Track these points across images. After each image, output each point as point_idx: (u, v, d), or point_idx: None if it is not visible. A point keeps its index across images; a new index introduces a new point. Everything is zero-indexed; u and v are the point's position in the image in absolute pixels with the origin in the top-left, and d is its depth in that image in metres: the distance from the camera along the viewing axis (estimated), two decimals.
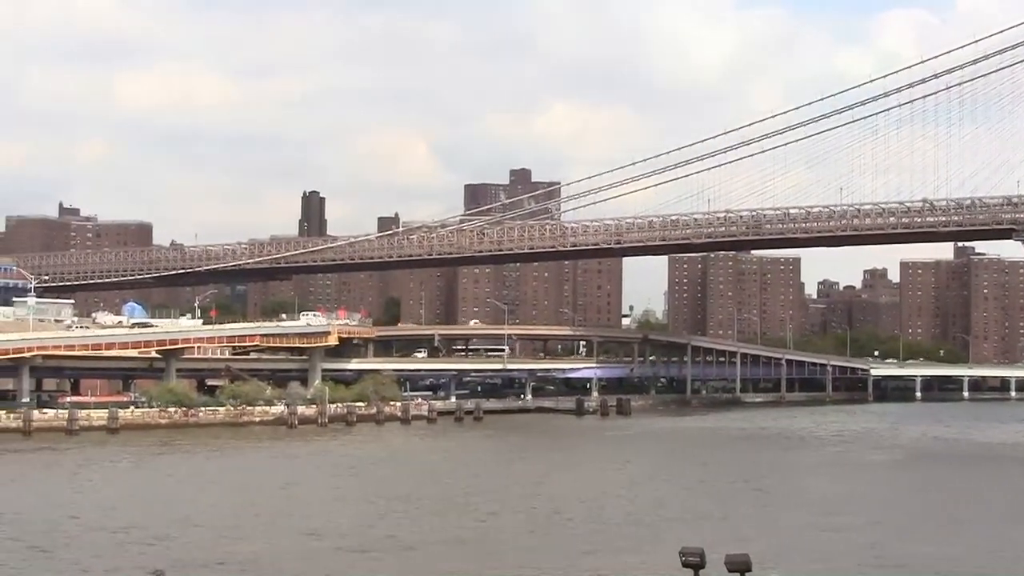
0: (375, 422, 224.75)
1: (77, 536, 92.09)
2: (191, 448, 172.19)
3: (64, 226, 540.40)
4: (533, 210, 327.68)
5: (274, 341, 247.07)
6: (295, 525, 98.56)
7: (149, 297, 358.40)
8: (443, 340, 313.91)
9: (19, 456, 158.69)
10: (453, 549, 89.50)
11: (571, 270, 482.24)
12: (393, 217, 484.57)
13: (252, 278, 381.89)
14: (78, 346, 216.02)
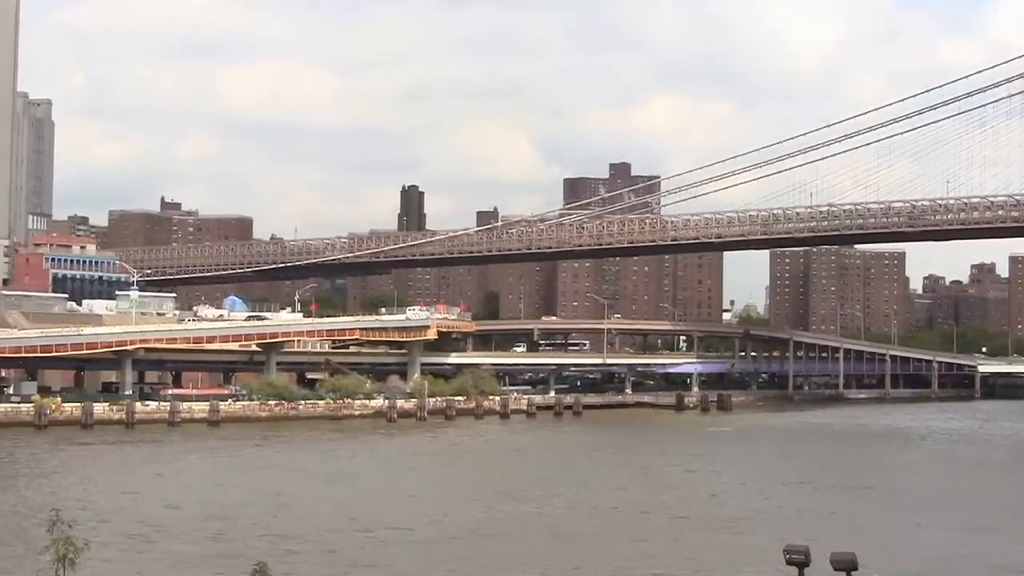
0: (474, 416, 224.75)
1: (177, 527, 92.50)
2: (290, 441, 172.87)
3: (166, 220, 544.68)
4: (633, 204, 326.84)
5: (374, 335, 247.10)
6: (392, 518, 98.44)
7: (249, 291, 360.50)
8: (543, 334, 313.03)
9: (122, 448, 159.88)
10: (552, 543, 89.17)
11: (671, 264, 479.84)
12: (492, 211, 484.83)
13: (352, 272, 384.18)
14: (180, 339, 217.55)
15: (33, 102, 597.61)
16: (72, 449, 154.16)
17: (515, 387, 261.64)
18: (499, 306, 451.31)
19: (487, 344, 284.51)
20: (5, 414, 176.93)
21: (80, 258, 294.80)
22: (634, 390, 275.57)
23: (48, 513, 38.33)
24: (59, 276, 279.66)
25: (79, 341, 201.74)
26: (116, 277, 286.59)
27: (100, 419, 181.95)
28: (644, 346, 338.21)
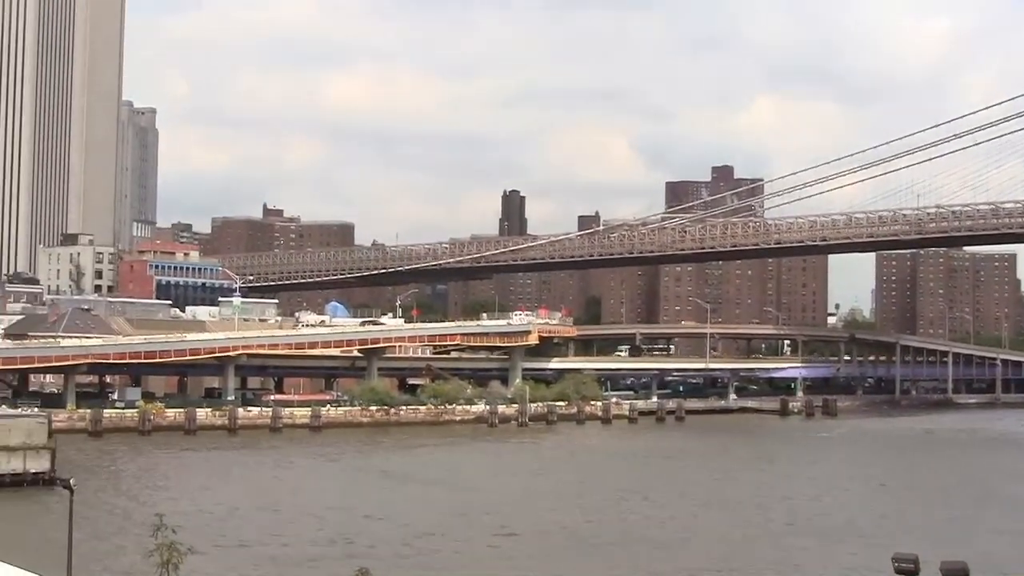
0: (575, 421, 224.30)
1: (279, 531, 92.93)
2: (392, 447, 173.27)
3: (268, 227, 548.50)
4: (736, 207, 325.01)
5: (475, 340, 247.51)
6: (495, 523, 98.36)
7: (351, 296, 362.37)
8: (645, 339, 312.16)
9: (224, 453, 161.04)
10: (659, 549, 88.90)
11: (775, 268, 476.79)
12: (594, 215, 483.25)
13: (453, 277, 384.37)
14: (282, 345, 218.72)
15: (138, 111, 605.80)
16: (175, 454, 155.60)
17: (617, 392, 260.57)
18: (601, 311, 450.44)
19: (589, 349, 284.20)
20: (110, 419, 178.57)
21: (183, 265, 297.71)
22: (737, 395, 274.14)
23: (152, 518, 38.56)
24: (163, 283, 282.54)
25: (182, 347, 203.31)
26: (219, 283, 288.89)
27: (203, 424, 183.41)
28: (747, 350, 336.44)
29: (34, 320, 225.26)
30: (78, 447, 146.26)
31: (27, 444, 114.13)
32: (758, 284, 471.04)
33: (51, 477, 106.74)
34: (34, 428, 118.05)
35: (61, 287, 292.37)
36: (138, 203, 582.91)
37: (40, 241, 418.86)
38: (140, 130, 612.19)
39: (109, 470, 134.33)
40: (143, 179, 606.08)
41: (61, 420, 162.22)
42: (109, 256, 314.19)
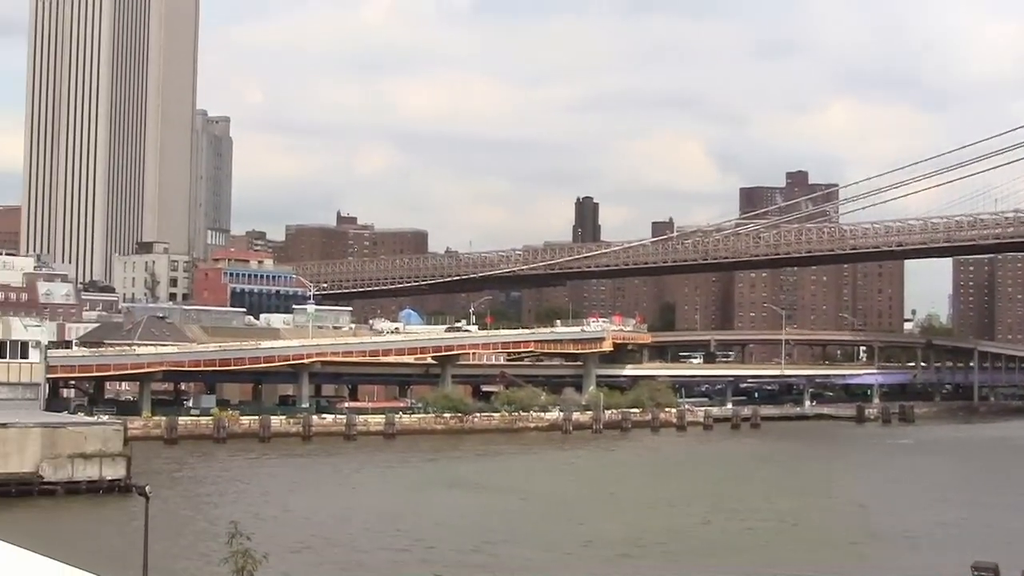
0: (650, 428, 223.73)
1: (353, 539, 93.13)
2: (466, 453, 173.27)
3: (342, 235, 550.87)
4: (811, 213, 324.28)
5: (549, 347, 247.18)
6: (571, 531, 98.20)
7: (424, 304, 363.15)
8: (719, 346, 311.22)
9: (298, 460, 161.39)
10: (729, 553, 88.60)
11: (850, 273, 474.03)
12: (667, 222, 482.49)
13: (527, 284, 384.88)
14: (356, 352, 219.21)
15: (212, 119, 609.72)
16: (250, 462, 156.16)
17: (691, 399, 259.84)
18: (675, 317, 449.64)
19: (663, 355, 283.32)
20: (185, 427, 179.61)
21: (258, 272, 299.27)
22: (813, 402, 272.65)
23: (227, 525, 38.69)
24: (237, 290, 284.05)
25: (257, 355, 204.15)
26: (293, 291, 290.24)
27: (277, 432, 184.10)
28: (823, 357, 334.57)
29: (110, 328, 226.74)
30: (154, 454, 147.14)
31: (103, 451, 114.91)
32: (833, 290, 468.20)
33: (127, 484, 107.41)
34: (110, 435, 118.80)
35: (136, 295, 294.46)
36: (212, 211, 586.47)
37: (116, 250, 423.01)
38: (214, 138, 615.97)
39: (184, 477, 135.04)
40: (217, 187, 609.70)
41: (137, 427, 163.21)
42: (184, 264, 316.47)
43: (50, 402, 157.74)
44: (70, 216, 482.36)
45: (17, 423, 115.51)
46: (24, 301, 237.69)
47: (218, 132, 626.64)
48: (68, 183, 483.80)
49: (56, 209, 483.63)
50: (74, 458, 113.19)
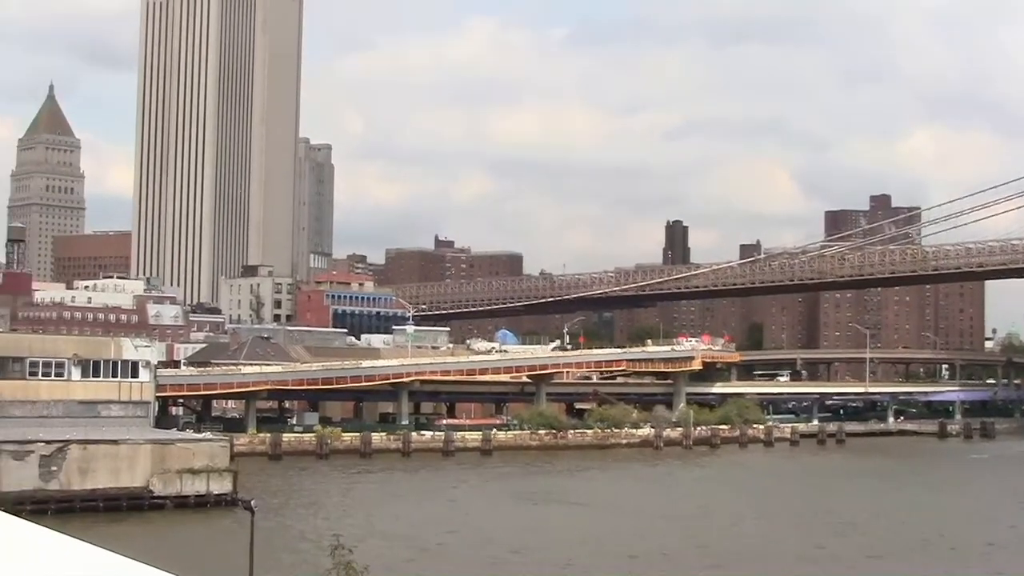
0: (738, 444, 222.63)
1: (453, 552, 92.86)
2: (560, 469, 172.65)
3: (439, 258, 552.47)
4: (893, 235, 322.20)
5: (640, 366, 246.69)
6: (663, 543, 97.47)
7: (519, 324, 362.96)
8: (805, 364, 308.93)
9: (399, 476, 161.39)
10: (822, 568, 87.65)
11: (933, 294, 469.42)
12: (755, 244, 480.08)
13: (618, 305, 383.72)
14: (454, 371, 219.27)
15: (314, 147, 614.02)
16: (351, 477, 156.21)
17: (778, 415, 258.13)
18: (762, 336, 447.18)
19: (751, 374, 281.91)
20: (289, 443, 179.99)
21: (358, 295, 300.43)
22: (896, 418, 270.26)
23: (330, 538, 38.38)
24: (339, 312, 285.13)
25: (358, 374, 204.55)
26: (392, 312, 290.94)
27: (378, 448, 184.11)
28: (906, 374, 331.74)
29: (216, 348, 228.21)
30: (258, 470, 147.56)
31: (210, 467, 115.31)
32: (916, 310, 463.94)
33: (233, 498, 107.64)
34: (217, 451, 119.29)
35: (242, 316, 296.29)
36: (315, 235, 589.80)
37: (222, 273, 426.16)
38: (316, 166, 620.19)
39: (288, 492, 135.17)
40: (319, 212, 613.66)
41: (242, 444, 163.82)
42: (287, 286, 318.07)
43: (159, 419, 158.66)
44: (179, 241, 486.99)
45: (128, 440, 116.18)
46: (135, 323, 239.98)
47: (320, 159, 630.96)
48: (177, 209, 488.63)
49: (165, 234, 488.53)
50: (182, 473, 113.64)
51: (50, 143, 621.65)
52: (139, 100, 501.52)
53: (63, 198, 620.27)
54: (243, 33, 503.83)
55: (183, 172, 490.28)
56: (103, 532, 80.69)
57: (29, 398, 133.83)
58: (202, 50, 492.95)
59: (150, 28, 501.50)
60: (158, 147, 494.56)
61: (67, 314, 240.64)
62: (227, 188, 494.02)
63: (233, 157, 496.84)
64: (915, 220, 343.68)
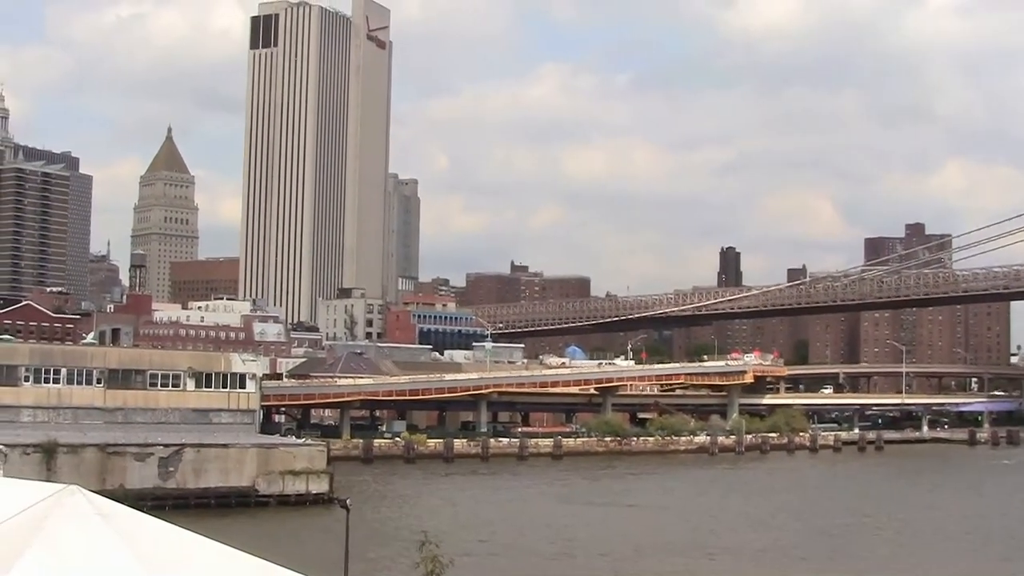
0: (786, 451, 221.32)
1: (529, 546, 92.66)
2: (624, 472, 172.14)
3: (515, 281, 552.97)
4: (927, 260, 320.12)
5: (697, 379, 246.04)
6: (718, 539, 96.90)
7: (587, 341, 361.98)
8: (847, 378, 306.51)
9: (479, 478, 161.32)
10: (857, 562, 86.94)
11: (963, 313, 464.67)
12: (801, 268, 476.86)
13: (677, 324, 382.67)
14: (528, 384, 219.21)
15: (402, 181, 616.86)
16: (436, 479, 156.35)
17: (822, 424, 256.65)
18: (808, 352, 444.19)
19: (797, 387, 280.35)
20: (379, 448, 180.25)
21: (442, 314, 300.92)
22: (930, 427, 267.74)
23: (418, 534, 38.38)
24: (424, 330, 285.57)
25: (442, 386, 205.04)
26: (473, 330, 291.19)
27: (459, 453, 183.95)
28: (939, 387, 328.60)
29: (314, 363, 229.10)
30: (352, 472, 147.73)
31: (309, 469, 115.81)
32: (948, 328, 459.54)
33: (330, 498, 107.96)
34: (315, 455, 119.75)
35: (337, 334, 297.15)
36: (402, 261, 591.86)
37: (319, 294, 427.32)
38: (404, 198, 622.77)
39: (379, 492, 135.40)
40: (407, 240, 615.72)
41: (337, 448, 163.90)
42: (378, 307, 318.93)
43: (264, 426, 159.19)
44: (281, 266, 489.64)
45: (237, 444, 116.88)
46: (242, 339, 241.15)
47: (407, 192, 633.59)
48: (279, 237, 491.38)
49: (269, 260, 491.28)
50: (284, 474, 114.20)
51: (168, 179, 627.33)
52: (246, 140, 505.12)
53: (179, 228, 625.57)
54: (338, 79, 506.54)
55: (285, 204, 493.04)
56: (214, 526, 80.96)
57: (150, 406, 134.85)
58: (302, 94, 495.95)
59: (256, 76, 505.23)
60: (263, 182, 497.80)
61: (183, 331, 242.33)
62: (324, 218, 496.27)
63: (329, 190, 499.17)
64: (946, 246, 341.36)
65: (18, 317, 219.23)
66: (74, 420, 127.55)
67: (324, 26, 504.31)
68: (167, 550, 14.02)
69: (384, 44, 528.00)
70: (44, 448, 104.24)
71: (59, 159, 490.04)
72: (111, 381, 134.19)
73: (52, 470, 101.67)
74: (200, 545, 14.32)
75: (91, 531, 13.54)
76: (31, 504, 14.00)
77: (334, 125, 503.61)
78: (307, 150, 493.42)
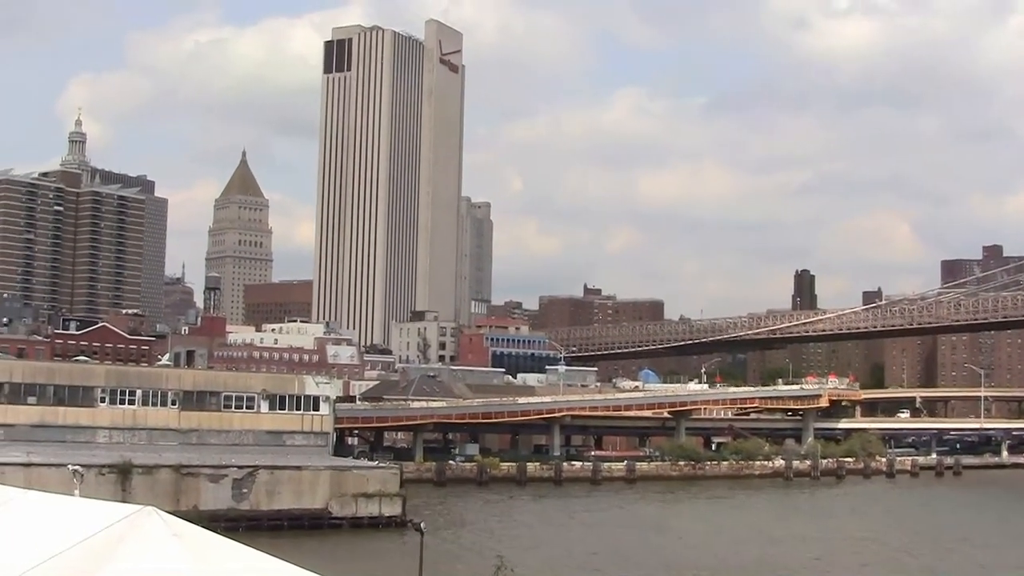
0: (862, 475, 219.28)
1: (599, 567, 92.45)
2: (698, 497, 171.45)
3: (588, 304, 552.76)
4: (1005, 282, 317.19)
5: (771, 403, 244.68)
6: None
7: (660, 365, 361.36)
8: (924, 402, 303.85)
9: (552, 502, 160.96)
10: None
11: None
12: (876, 291, 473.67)
13: (751, 347, 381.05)
14: (601, 407, 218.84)
15: (475, 204, 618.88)
16: (509, 502, 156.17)
17: (899, 449, 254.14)
18: (884, 376, 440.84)
19: (873, 411, 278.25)
20: (452, 471, 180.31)
21: (515, 337, 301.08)
22: (1010, 452, 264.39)
23: (493, 558, 38.35)
24: (497, 353, 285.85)
25: (515, 409, 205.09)
26: (545, 353, 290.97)
27: (532, 476, 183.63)
28: (1019, 411, 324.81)
29: (388, 385, 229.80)
30: (425, 495, 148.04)
31: (382, 491, 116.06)
32: None
33: (403, 520, 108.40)
34: (388, 477, 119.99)
35: (410, 357, 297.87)
36: (475, 284, 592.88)
37: (393, 318, 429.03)
38: (476, 221, 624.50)
39: (452, 515, 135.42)
40: (479, 263, 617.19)
41: (410, 471, 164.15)
42: (451, 330, 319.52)
43: (337, 448, 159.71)
44: (354, 288, 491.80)
45: (310, 466, 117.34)
46: (315, 362, 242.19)
47: (480, 215, 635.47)
48: (353, 260, 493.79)
49: (342, 283, 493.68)
50: (358, 497, 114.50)
51: (242, 203, 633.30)
52: (320, 164, 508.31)
53: (253, 251, 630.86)
54: (411, 103, 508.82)
55: (359, 227, 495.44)
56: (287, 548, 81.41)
57: (224, 428, 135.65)
58: (375, 118, 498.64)
59: (329, 100, 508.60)
60: (337, 205, 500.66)
61: (256, 354, 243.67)
62: (397, 241, 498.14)
63: (402, 214, 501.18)
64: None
65: (95, 339, 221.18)
66: (149, 441, 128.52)
67: (397, 50, 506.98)
68: (241, 571, 14.06)
69: (457, 68, 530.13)
70: (119, 469, 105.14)
71: (135, 183, 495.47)
72: (186, 403, 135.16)
73: (127, 491, 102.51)
74: (274, 566, 14.35)
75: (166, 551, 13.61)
76: (108, 524, 14.10)
77: (407, 148, 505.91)
78: (380, 173, 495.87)
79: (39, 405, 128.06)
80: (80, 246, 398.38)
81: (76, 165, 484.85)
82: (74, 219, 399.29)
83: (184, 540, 13.91)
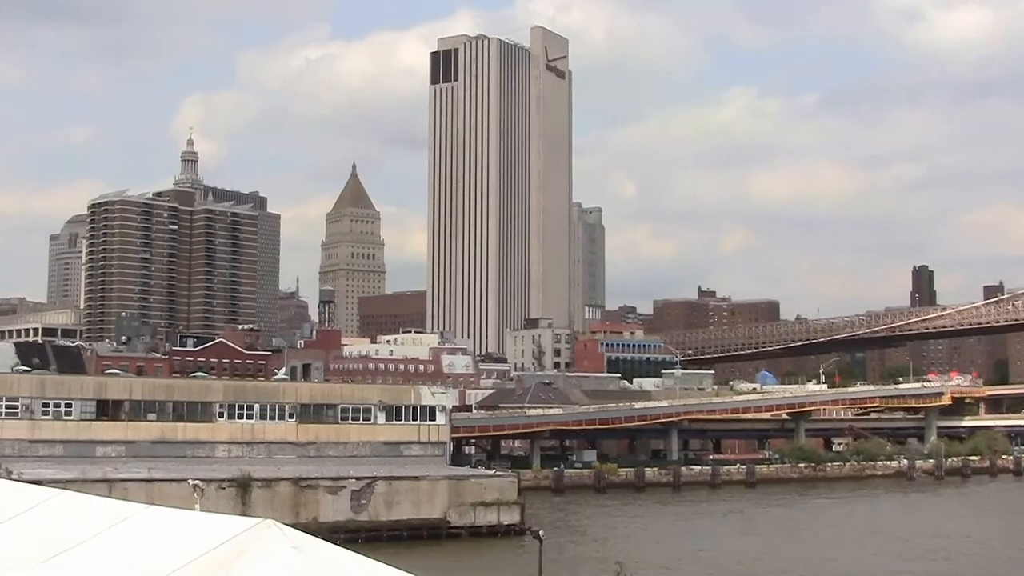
0: (988, 475, 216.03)
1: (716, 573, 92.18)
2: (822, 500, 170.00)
3: (702, 307, 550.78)
4: None
5: (891, 402, 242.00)
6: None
7: (778, 366, 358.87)
8: None
9: (671, 507, 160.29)
10: None
11: None
12: (998, 285, 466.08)
13: (870, 346, 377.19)
14: (718, 411, 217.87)
15: (586, 210, 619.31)
16: (627, 508, 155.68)
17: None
18: (1008, 372, 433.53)
19: (998, 407, 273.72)
20: (569, 478, 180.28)
21: (630, 342, 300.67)
22: None
23: (613, 565, 38.31)
24: (612, 358, 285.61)
25: (631, 414, 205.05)
26: (661, 357, 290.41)
27: (650, 482, 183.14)
28: None
29: (503, 394, 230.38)
30: (543, 502, 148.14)
31: (500, 500, 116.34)
32: None
33: (521, 528, 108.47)
34: (506, 486, 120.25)
35: (525, 365, 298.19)
36: (588, 290, 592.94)
37: (507, 325, 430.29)
38: (588, 227, 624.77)
39: (571, 522, 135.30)
40: (592, 269, 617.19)
41: (528, 479, 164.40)
42: (565, 337, 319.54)
43: (454, 458, 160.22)
44: (468, 298, 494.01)
45: (428, 476, 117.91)
46: (431, 372, 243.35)
47: (591, 221, 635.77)
48: (465, 270, 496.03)
49: (456, 292, 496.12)
50: (476, 506, 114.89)
51: (354, 216, 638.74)
52: (430, 175, 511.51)
53: (366, 263, 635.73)
54: (519, 110, 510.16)
55: (470, 237, 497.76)
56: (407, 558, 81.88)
57: (341, 439, 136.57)
58: (484, 128, 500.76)
59: (438, 110, 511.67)
60: (448, 215, 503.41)
61: (372, 365, 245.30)
62: (509, 249, 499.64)
63: (514, 222, 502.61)
64: None
65: (212, 355, 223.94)
66: (267, 455, 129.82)
67: (503, 58, 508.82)
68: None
69: (563, 74, 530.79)
70: (239, 483, 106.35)
71: (247, 199, 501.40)
72: (303, 416, 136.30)
73: (247, 504, 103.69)
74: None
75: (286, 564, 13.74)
76: (229, 538, 14.26)
77: (516, 156, 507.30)
78: (490, 182, 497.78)
79: (159, 421, 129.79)
80: (195, 264, 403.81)
81: (189, 184, 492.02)
82: (188, 237, 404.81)
83: (304, 552, 14.02)
